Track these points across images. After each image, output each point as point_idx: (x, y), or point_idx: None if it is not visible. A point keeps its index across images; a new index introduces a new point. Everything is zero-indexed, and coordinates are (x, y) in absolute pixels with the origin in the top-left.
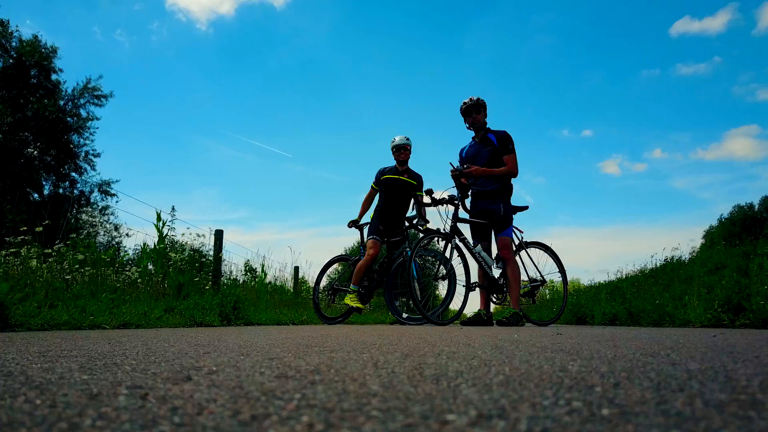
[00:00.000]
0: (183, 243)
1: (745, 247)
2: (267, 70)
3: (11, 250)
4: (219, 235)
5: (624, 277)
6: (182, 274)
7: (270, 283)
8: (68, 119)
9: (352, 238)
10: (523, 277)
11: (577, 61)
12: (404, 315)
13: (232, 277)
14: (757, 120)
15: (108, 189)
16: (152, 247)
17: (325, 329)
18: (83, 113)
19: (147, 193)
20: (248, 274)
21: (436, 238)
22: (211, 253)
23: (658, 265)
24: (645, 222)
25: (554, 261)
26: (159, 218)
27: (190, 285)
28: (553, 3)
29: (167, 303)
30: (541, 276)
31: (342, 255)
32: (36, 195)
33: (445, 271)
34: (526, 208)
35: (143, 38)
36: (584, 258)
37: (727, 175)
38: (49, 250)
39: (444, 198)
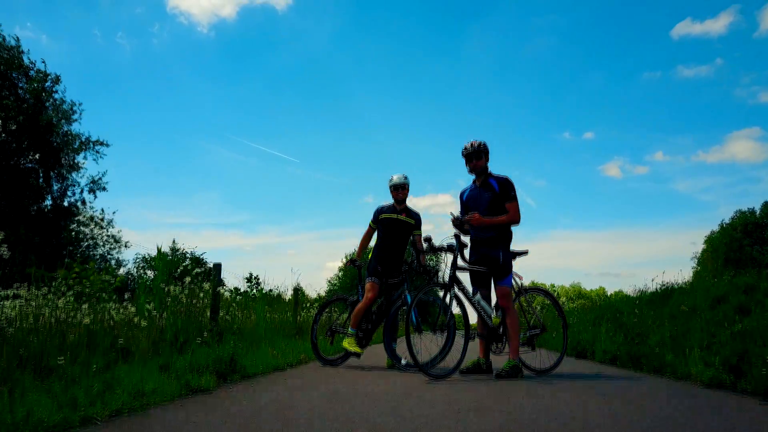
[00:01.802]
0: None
1: (746, 277)
2: (268, 73)
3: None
4: (218, 268)
5: (625, 296)
6: (179, 317)
7: (268, 305)
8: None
9: (351, 241)
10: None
11: (578, 64)
12: (403, 362)
13: (230, 313)
14: (759, 122)
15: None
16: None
17: (326, 402)
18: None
19: (147, 196)
20: (244, 298)
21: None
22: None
23: (658, 289)
24: (646, 225)
25: (554, 306)
26: (159, 253)
27: (188, 330)
28: (553, 5)
29: (163, 359)
30: (541, 324)
31: (339, 295)
32: (35, 207)
33: (445, 320)
34: (526, 252)
35: (144, 41)
36: (585, 261)
37: (729, 178)
38: (49, 297)
39: (442, 246)
